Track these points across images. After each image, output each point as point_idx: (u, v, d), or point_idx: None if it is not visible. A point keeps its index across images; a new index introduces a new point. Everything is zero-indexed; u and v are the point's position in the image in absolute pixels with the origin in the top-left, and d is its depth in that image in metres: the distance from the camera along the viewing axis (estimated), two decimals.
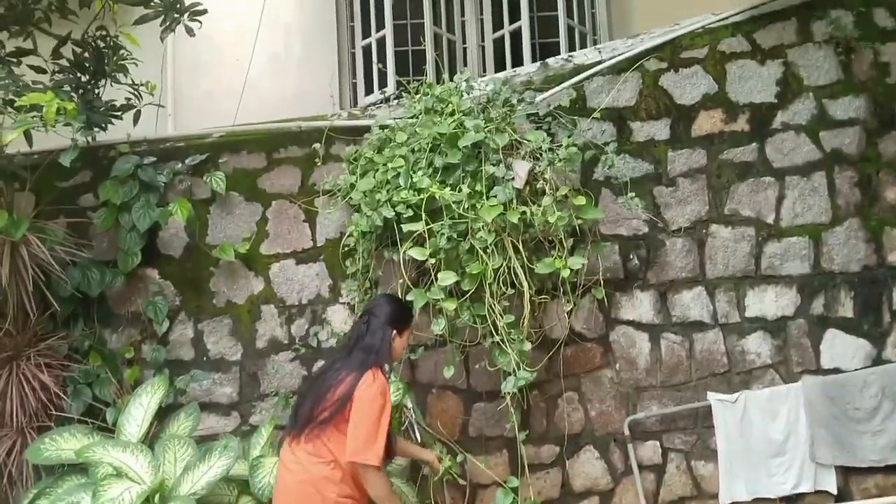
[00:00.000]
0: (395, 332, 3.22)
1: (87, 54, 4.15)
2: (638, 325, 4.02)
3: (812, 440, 3.89)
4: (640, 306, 4.02)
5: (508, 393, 3.53)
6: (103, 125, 4.06)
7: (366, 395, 2.98)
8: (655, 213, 4.04)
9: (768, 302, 4.03)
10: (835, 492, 3.90)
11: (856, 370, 3.97)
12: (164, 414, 3.72)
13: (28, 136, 3.79)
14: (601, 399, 4.01)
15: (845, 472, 3.93)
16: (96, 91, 4.16)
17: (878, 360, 3.99)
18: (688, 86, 4.10)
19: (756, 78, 4.10)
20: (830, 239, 4.05)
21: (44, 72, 4.10)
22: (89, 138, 3.95)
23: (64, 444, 3.48)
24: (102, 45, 4.17)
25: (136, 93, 4.23)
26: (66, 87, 3.96)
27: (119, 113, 4.15)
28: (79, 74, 4.12)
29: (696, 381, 4.01)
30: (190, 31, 4.07)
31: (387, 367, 3.19)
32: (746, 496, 3.92)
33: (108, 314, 4.07)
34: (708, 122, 4.08)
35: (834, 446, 3.89)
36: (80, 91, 4.07)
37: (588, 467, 3.99)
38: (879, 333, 4.01)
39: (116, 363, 4.00)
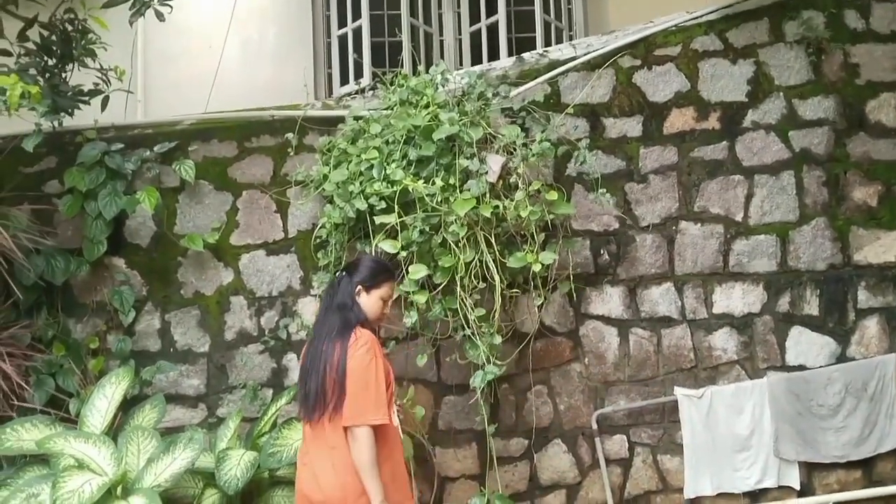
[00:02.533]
0: (360, 287, 3.04)
1: (54, 37, 4.06)
2: (607, 320, 4.05)
3: (776, 436, 3.95)
4: (609, 301, 4.05)
5: (478, 387, 3.53)
6: (70, 110, 3.97)
7: (356, 364, 2.87)
8: (626, 209, 4.07)
9: (735, 299, 4.08)
10: (798, 487, 3.96)
11: (820, 367, 4.03)
12: (128, 405, 3.67)
13: None
14: (570, 393, 4.03)
15: (808, 468, 3.99)
16: (63, 75, 4.07)
17: (842, 358, 4.05)
18: (661, 83, 4.12)
19: (728, 77, 4.14)
20: (797, 237, 4.10)
21: (10, 55, 4.00)
22: (55, 123, 3.87)
23: (25, 435, 3.42)
24: (70, 28, 4.08)
25: (104, 78, 4.15)
26: (32, 71, 3.88)
27: (86, 98, 4.07)
28: (45, 58, 4.03)
29: (663, 376, 4.05)
30: (160, 16, 4.01)
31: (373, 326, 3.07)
32: (711, 491, 3.96)
33: (73, 303, 4.00)
34: (680, 120, 4.11)
35: (798, 442, 3.95)
36: (47, 75, 3.98)
37: (556, 461, 4.01)
38: (844, 331, 4.08)
39: (81, 353, 3.93)
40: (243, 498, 3.55)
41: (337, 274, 3.23)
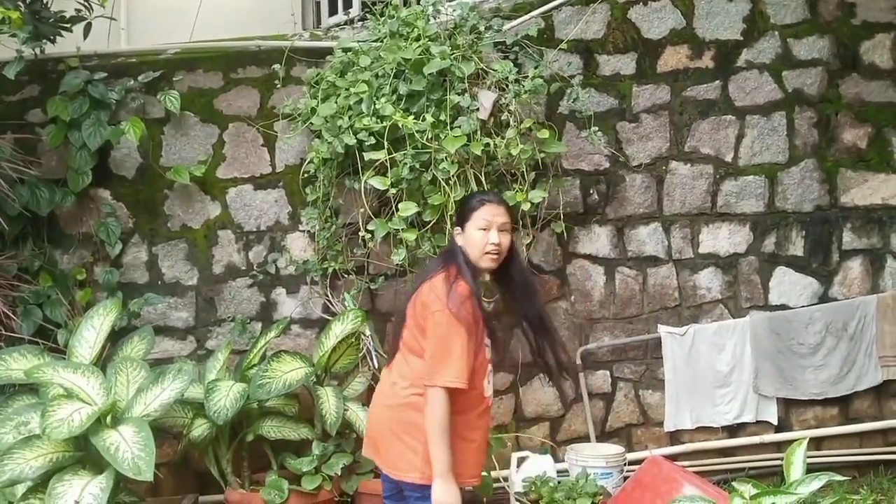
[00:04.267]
0: (458, 230, 2.67)
1: None
2: (594, 259, 4.08)
3: (756, 373, 4.04)
4: (597, 241, 4.07)
5: None
6: (51, 37, 3.86)
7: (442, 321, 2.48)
8: (617, 148, 4.05)
9: (721, 239, 4.11)
10: (775, 422, 4.08)
11: (802, 307, 4.10)
12: (116, 337, 3.67)
13: None
14: (556, 330, 4.06)
15: (786, 404, 4.10)
16: (44, 1, 3.95)
17: (824, 298, 4.13)
18: (656, 20, 4.06)
19: (723, 14, 4.08)
20: (786, 179, 4.11)
21: None
22: (36, 50, 3.77)
23: (14, 364, 3.42)
24: None
25: (86, 4, 4.02)
26: None
27: (68, 25, 3.95)
28: None
29: (647, 314, 4.10)
30: None
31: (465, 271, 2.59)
32: (690, 424, 4.07)
33: (59, 234, 3.97)
34: (674, 58, 4.07)
35: (777, 379, 4.04)
36: (27, 0, 3.86)
37: (540, 395, 4.09)
38: (827, 272, 4.13)
39: (67, 284, 3.91)
40: (233, 428, 3.61)
41: None
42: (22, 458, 2.99)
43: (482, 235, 2.59)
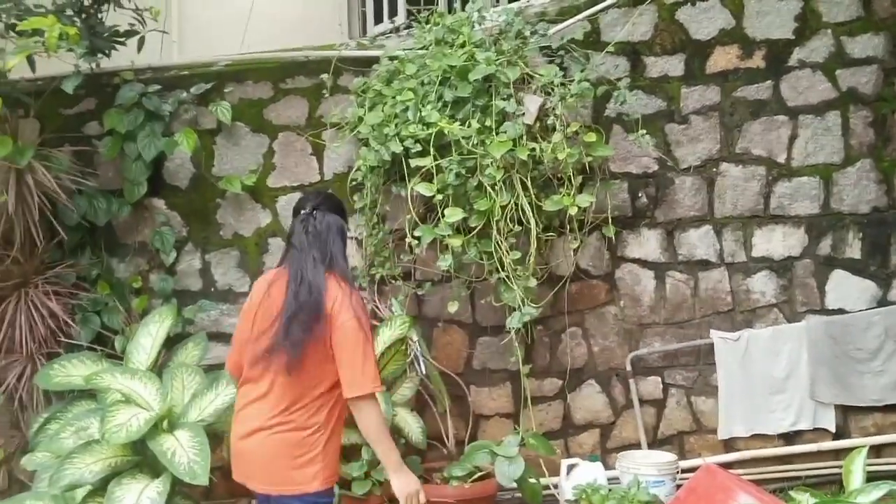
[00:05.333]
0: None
1: None
2: (644, 263, 4.03)
3: (813, 379, 3.94)
4: (646, 244, 4.02)
5: (513, 328, 3.56)
6: (106, 51, 3.97)
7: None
8: (666, 150, 4.00)
9: (775, 242, 4.03)
10: (833, 430, 3.97)
11: (860, 311, 3.99)
12: (171, 343, 3.76)
13: (30, 62, 3.73)
14: (605, 335, 4.04)
15: (844, 411, 4.00)
16: (99, 16, 4.06)
17: (883, 302, 4.01)
18: (704, 20, 4.00)
19: (774, 13, 4.00)
20: (841, 179, 4.02)
21: None
22: (93, 65, 3.88)
23: (73, 371, 3.53)
24: None
25: (139, 18, 4.13)
26: (69, 12, 3.87)
27: (122, 39, 4.06)
28: None
29: (699, 319, 4.04)
30: None
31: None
32: (745, 432, 3.99)
33: (116, 243, 4.07)
34: (723, 59, 4.00)
35: (835, 385, 3.95)
36: (83, 15, 3.97)
37: (589, 401, 4.05)
38: (886, 275, 4.02)
39: (124, 292, 4.01)
40: None
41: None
42: (81, 463, 3.08)
43: None
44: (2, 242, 3.82)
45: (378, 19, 5.54)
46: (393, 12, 5.32)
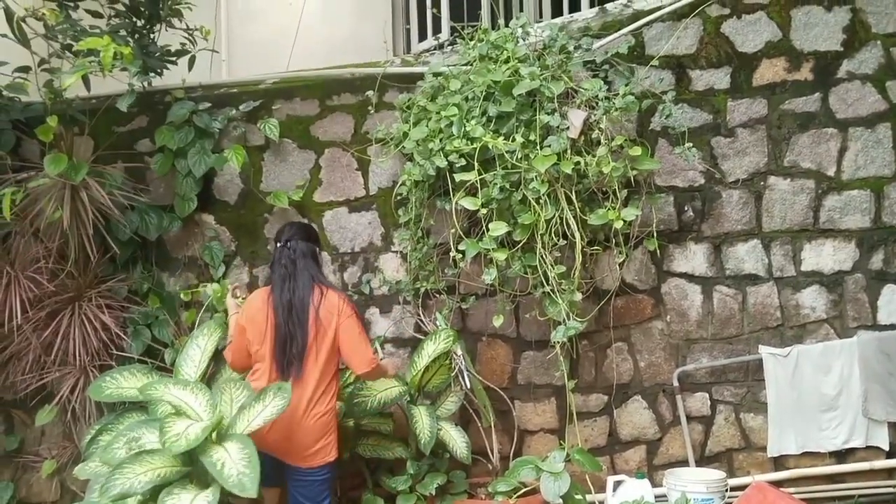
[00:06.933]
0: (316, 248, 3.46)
1: None
2: (690, 278, 3.99)
3: (865, 396, 3.86)
4: (693, 258, 3.98)
5: (558, 342, 3.55)
6: (158, 70, 4.08)
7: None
8: (712, 164, 3.97)
9: (825, 256, 3.96)
10: (887, 447, 3.88)
11: None
12: (220, 356, 3.81)
13: (86, 81, 3.84)
14: (651, 350, 4.00)
15: None
16: (151, 36, 4.17)
17: None
18: (750, 33, 3.97)
19: (822, 25, 3.96)
20: (893, 193, 3.94)
21: (100, 16, 4.12)
22: (145, 83, 3.98)
23: (125, 383, 3.60)
24: None
25: (190, 38, 4.23)
26: (122, 32, 3.98)
27: (174, 58, 4.17)
28: (134, 19, 4.13)
29: (747, 335, 3.98)
30: None
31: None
32: (795, 449, 3.91)
33: (166, 258, 4.16)
34: (770, 71, 3.96)
35: (888, 402, 3.85)
36: (136, 36, 4.09)
37: (636, 417, 4.01)
38: None
39: (174, 305, 4.09)
40: None
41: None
42: (132, 473, 3.11)
43: None
44: (57, 257, 3.93)
45: (422, 36, 5.58)
46: (437, 29, 5.36)
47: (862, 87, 3.95)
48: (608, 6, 4.21)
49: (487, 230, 3.52)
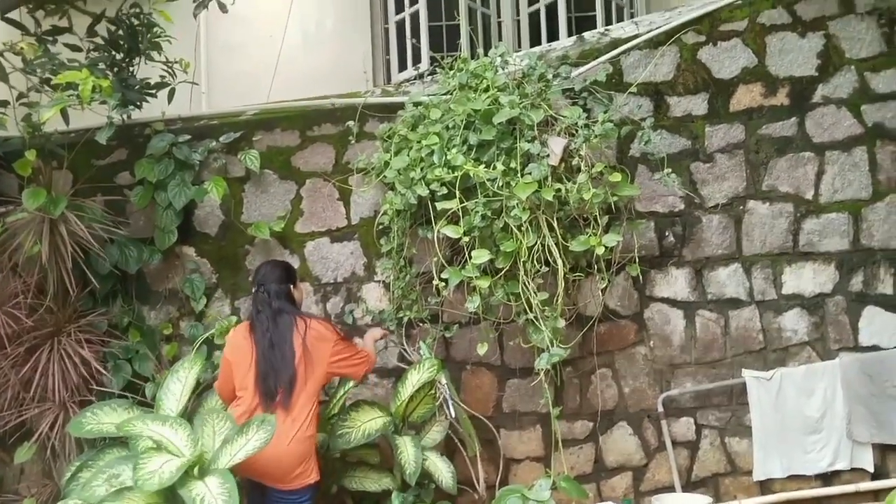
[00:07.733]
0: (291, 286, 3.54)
1: (121, 32, 4.17)
2: (673, 303, 4.00)
3: (849, 418, 3.86)
4: (675, 283, 4.00)
5: (542, 369, 3.54)
6: (138, 103, 4.09)
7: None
8: (692, 189, 4.00)
9: (806, 279, 3.98)
10: (871, 469, 3.87)
11: (895, 348, 3.92)
12: (202, 389, 3.77)
13: (65, 115, 3.85)
14: (635, 376, 4.00)
15: (882, 450, 3.89)
16: (131, 69, 4.18)
17: None
18: (726, 59, 4.02)
19: (796, 51, 4.02)
20: (871, 215, 3.98)
21: (79, 50, 4.13)
22: (124, 116, 3.98)
23: (105, 418, 3.54)
24: (136, 22, 4.19)
25: (170, 70, 4.24)
26: (101, 65, 3.99)
27: (153, 91, 4.18)
28: (113, 52, 4.15)
29: (731, 359, 3.99)
30: (223, 8, 4.08)
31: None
32: (781, 473, 3.90)
33: (147, 291, 4.13)
34: (747, 97, 4.01)
35: (872, 424, 3.86)
36: (115, 69, 4.10)
37: (621, 443, 4.00)
38: None
39: (155, 339, 4.06)
40: None
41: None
42: None
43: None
44: (35, 292, 3.89)
45: (402, 67, 5.63)
46: (416, 59, 5.41)
47: (837, 111, 4.00)
48: (586, 35, 4.25)
49: (470, 258, 3.52)
